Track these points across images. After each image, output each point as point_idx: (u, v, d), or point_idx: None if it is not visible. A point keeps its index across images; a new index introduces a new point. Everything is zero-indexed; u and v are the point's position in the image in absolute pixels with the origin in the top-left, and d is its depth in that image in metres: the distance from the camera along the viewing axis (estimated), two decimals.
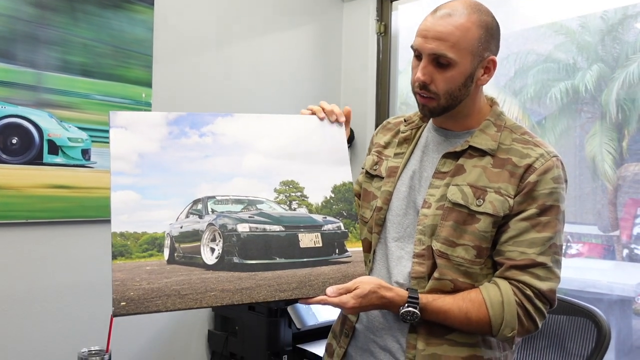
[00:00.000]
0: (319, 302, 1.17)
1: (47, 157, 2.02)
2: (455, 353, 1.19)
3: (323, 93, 2.97)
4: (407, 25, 2.95)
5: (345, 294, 1.15)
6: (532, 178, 1.16)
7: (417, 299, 1.15)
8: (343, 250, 1.27)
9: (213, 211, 1.22)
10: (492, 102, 1.30)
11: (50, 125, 2.03)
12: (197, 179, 1.20)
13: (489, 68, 1.21)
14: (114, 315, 1.09)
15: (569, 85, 2.81)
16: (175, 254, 1.20)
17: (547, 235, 1.15)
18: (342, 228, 1.28)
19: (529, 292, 1.14)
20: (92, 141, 2.12)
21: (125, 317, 1.93)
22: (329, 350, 1.41)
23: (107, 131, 2.11)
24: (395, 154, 1.34)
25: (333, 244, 1.27)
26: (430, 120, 1.33)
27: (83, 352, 1.39)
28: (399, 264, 1.24)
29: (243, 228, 1.22)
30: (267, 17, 2.72)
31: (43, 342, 2.04)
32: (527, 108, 2.99)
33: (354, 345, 1.32)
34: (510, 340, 1.16)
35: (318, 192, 1.27)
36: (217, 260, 1.19)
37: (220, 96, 2.53)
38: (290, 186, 1.26)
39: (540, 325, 1.18)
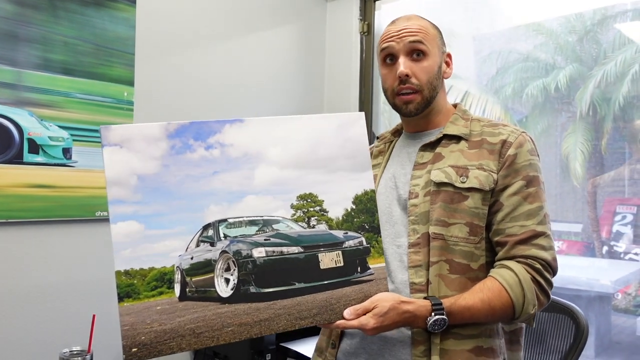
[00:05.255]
0: (338, 327, 1.13)
1: (28, 156, 2.00)
2: (462, 346, 1.18)
3: (307, 92, 2.97)
4: None
5: (364, 314, 1.11)
6: (510, 151, 1.21)
7: (441, 304, 1.13)
8: (365, 268, 1.20)
9: (226, 236, 1.13)
10: (455, 104, 1.39)
11: (30, 124, 2.01)
12: (205, 201, 1.08)
13: (448, 62, 1.34)
14: None
15: (548, 83, 2.85)
16: (187, 289, 1.11)
17: (538, 204, 1.20)
18: (364, 243, 1.20)
19: (537, 265, 1.16)
20: (73, 140, 2.11)
21: (107, 317, 1.92)
22: None
23: (88, 130, 2.14)
24: (373, 166, 1.35)
25: (355, 262, 1.20)
26: (403, 132, 1.41)
27: (64, 353, 1.38)
28: (394, 260, 1.24)
29: (259, 253, 1.14)
30: (250, 16, 2.72)
31: (24, 343, 2.02)
32: (508, 107, 3.02)
33: (343, 351, 1.29)
34: (532, 317, 1.18)
35: (338, 204, 1.18)
36: (232, 291, 1.11)
37: (203, 95, 2.53)
38: (309, 200, 1.16)
39: (551, 296, 1.21)
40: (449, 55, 1.34)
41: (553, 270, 1.20)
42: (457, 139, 1.27)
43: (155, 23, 2.36)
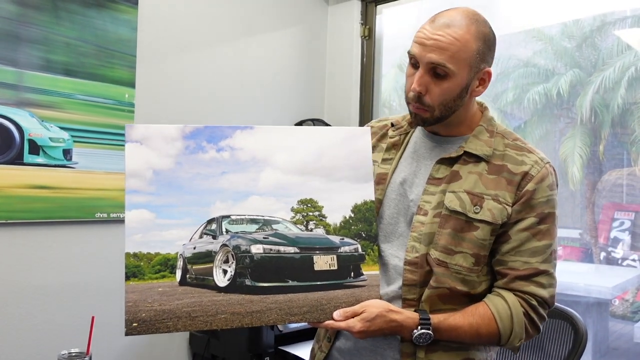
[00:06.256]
0: (326, 327, 1.15)
1: (28, 157, 2.00)
2: (451, 357, 1.19)
3: (307, 95, 2.98)
4: (391, 28, 2.97)
5: (353, 317, 1.13)
6: (529, 186, 1.16)
7: (429, 319, 1.13)
8: (358, 274, 1.23)
9: (227, 231, 1.20)
10: (482, 108, 1.30)
11: (31, 124, 2.01)
12: (212, 198, 1.18)
13: (484, 79, 1.20)
14: (126, 334, 1.10)
15: (548, 89, 2.86)
16: (188, 276, 1.20)
17: (547, 242, 1.17)
18: (360, 250, 1.24)
19: (534, 302, 1.16)
20: (74, 141, 2.10)
21: (106, 318, 1.91)
22: (311, 354, 1.39)
23: (89, 131, 2.14)
24: (384, 160, 1.32)
25: (349, 267, 1.23)
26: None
27: (63, 354, 1.38)
28: (394, 272, 1.22)
29: (257, 249, 1.20)
30: (252, 19, 2.72)
31: (23, 344, 2.02)
32: (507, 112, 3.03)
33: (338, 349, 1.30)
34: (518, 348, 1.18)
35: (337, 212, 1.23)
36: (229, 282, 1.18)
37: (203, 97, 2.53)
38: (309, 205, 1.22)
39: (542, 330, 1.20)
40: (487, 73, 1.19)
41: (549, 306, 1.19)
42: (477, 158, 1.20)
43: (157, 25, 2.36)
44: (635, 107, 2.52)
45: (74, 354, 1.39)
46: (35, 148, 2.01)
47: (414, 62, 1.18)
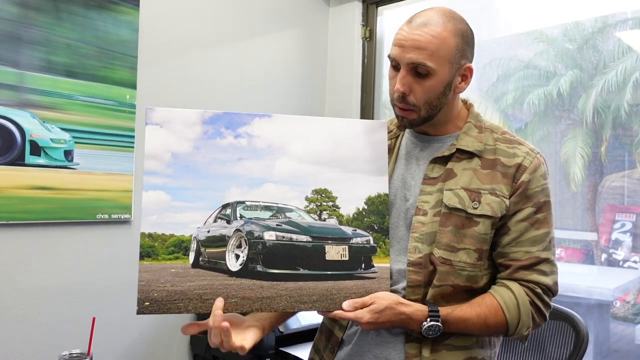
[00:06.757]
0: (335, 316, 1.15)
1: (29, 158, 2.00)
2: (454, 357, 1.19)
3: (308, 97, 2.98)
4: (392, 30, 2.98)
5: (362, 308, 1.13)
6: (524, 177, 1.19)
7: (438, 311, 1.14)
8: (369, 266, 1.24)
9: (241, 217, 1.21)
10: (468, 105, 1.31)
11: (32, 126, 2.01)
12: (227, 183, 1.20)
13: (466, 76, 1.22)
14: (137, 313, 1.11)
15: (549, 91, 2.86)
16: (200, 259, 1.20)
17: (545, 230, 1.20)
18: (372, 242, 1.25)
19: (538, 290, 1.18)
20: (75, 142, 2.10)
21: (107, 320, 1.92)
22: None
23: (90, 132, 2.14)
24: None
25: (360, 258, 1.24)
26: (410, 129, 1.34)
27: (64, 355, 1.38)
28: (398, 275, 1.23)
29: (269, 236, 1.21)
30: (253, 20, 2.72)
31: (24, 345, 2.02)
32: (509, 114, 3.03)
33: (341, 358, 1.29)
34: (526, 337, 1.20)
35: (351, 203, 1.24)
36: (240, 267, 1.19)
37: (204, 98, 2.53)
38: (323, 195, 1.24)
39: (548, 317, 1.22)
40: (468, 69, 1.21)
41: (553, 294, 1.21)
42: (470, 154, 1.22)
43: (158, 26, 2.36)
44: (639, 110, 2.52)
45: (75, 355, 1.39)
46: (36, 149, 2.01)
47: (395, 64, 1.20)
